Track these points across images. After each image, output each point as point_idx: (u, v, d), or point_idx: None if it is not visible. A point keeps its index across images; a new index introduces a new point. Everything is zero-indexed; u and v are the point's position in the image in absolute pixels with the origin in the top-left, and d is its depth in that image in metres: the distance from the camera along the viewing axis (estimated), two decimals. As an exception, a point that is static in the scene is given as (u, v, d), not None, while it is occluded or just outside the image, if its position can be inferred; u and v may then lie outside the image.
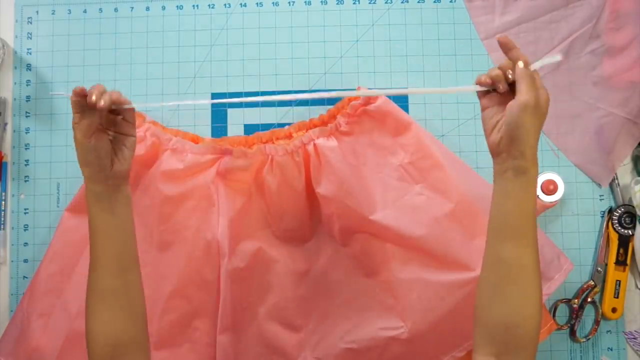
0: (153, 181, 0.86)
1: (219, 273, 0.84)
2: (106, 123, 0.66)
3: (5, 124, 0.93)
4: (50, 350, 0.83)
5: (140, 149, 0.85)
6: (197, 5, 0.95)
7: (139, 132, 0.86)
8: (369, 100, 0.87)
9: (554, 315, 0.90)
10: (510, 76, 0.62)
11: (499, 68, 0.63)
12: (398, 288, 0.85)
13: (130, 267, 0.67)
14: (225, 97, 0.93)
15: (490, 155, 0.93)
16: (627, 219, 0.90)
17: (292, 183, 0.85)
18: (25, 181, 0.93)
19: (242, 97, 0.93)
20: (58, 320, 0.84)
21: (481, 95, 0.66)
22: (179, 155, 0.86)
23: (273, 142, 0.87)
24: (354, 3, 0.95)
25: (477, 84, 0.65)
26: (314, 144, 0.86)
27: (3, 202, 0.92)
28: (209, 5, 0.95)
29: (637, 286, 0.92)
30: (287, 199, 0.86)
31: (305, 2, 0.95)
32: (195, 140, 0.89)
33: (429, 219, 0.84)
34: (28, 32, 0.95)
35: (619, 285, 0.90)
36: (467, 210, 0.85)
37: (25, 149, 0.93)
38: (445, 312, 0.82)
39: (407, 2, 0.95)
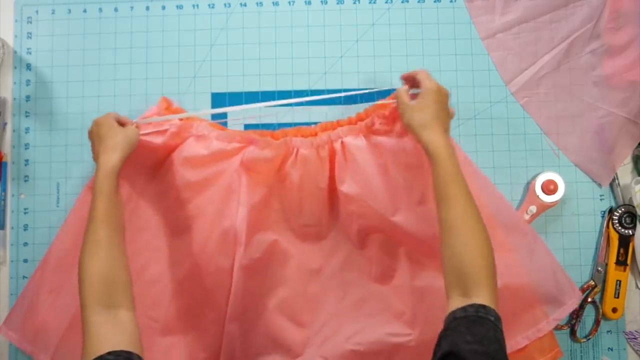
0: (172, 167, 0.86)
1: (233, 262, 0.84)
2: None
3: (5, 124, 0.93)
4: (56, 327, 0.84)
5: (159, 139, 0.86)
6: (197, 5, 0.95)
7: (164, 125, 0.87)
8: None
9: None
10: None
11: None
12: (410, 295, 0.85)
13: (121, 228, 0.76)
14: (225, 97, 0.93)
15: (490, 156, 0.93)
16: (627, 218, 0.90)
17: (315, 178, 0.86)
18: (25, 181, 0.93)
19: (242, 96, 0.93)
20: (66, 297, 0.84)
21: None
22: (204, 142, 0.86)
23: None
24: (354, 3, 0.95)
25: None
26: (342, 142, 0.86)
27: (3, 202, 0.92)
28: (209, 5, 0.95)
29: (637, 286, 0.92)
30: (308, 194, 0.86)
31: (305, 1, 0.95)
32: (221, 129, 0.89)
33: None
34: (28, 32, 0.95)
35: (620, 285, 0.90)
36: (486, 223, 0.84)
37: (25, 148, 0.93)
38: None
39: (408, 1, 0.95)
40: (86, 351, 0.64)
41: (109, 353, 0.62)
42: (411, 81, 0.85)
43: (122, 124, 0.83)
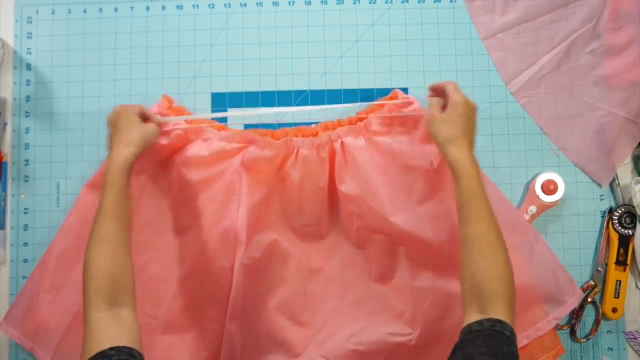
0: (173, 166, 0.86)
1: (233, 261, 0.84)
2: None
3: (5, 124, 0.93)
4: (57, 325, 0.84)
5: (164, 139, 0.86)
6: (197, 5, 0.95)
7: (169, 125, 0.87)
8: (404, 104, 0.87)
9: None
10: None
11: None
12: (410, 295, 0.86)
13: (128, 224, 0.75)
14: (225, 97, 0.93)
15: (490, 156, 0.93)
16: (627, 218, 0.90)
17: (315, 178, 0.86)
18: (25, 181, 0.93)
19: (242, 96, 0.93)
20: (67, 296, 0.84)
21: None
22: (205, 143, 0.86)
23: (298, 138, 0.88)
24: (354, 3, 0.95)
25: None
26: (342, 142, 0.86)
27: (3, 202, 0.92)
28: (209, 5, 0.95)
29: (637, 286, 0.92)
30: (308, 194, 0.86)
31: (305, 1, 0.95)
32: (222, 130, 0.89)
33: (449, 227, 0.83)
34: (28, 32, 0.95)
35: (619, 285, 0.90)
36: None
37: (25, 148, 0.93)
38: (455, 323, 0.82)
39: (407, 2, 0.95)
40: (87, 346, 0.64)
41: (111, 348, 0.62)
42: (438, 92, 0.84)
43: (145, 118, 0.82)
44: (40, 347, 0.85)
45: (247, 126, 0.93)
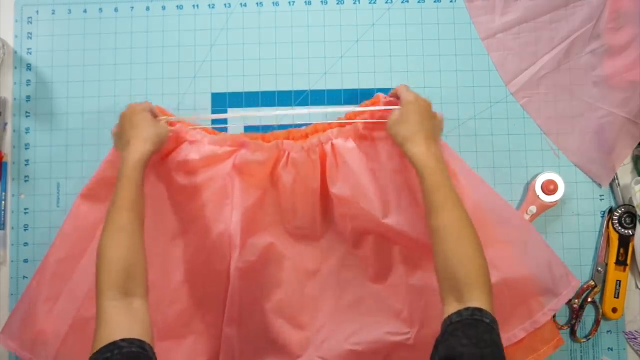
0: (165, 171, 0.86)
1: (228, 265, 0.84)
2: None
3: (5, 124, 0.93)
4: (54, 335, 0.83)
5: None
6: (197, 5, 0.95)
7: None
8: (385, 109, 0.87)
9: (554, 316, 0.90)
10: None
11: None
12: (406, 293, 0.86)
13: (143, 218, 0.75)
14: (226, 97, 0.93)
15: (490, 156, 0.93)
16: (627, 218, 0.90)
17: (306, 180, 0.85)
18: (25, 181, 0.93)
19: (242, 96, 0.93)
20: (64, 305, 0.84)
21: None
22: (196, 146, 0.86)
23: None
24: (354, 3, 0.95)
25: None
26: (332, 144, 0.86)
27: (3, 202, 0.92)
28: (209, 5, 0.95)
29: (637, 286, 0.92)
30: (301, 196, 0.86)
31: (305, 2, 0.95)
32: (213, 134, 0.89)
33: None
34: (28, 32, 0.95)
35: (619, 285, 0.90)
36: (478, 220, 0.83)
37: (25, 148, 0.93)
38: None
39: (407, 2, 0.95)
40: (98, 336, 0.64)
41: (122, 340, 0.62)
42: (396, 97, 0.86)
43: (153, 115, 0.84)
44: (38, 357, 0.84)
45: (247, 128, 0.92)
